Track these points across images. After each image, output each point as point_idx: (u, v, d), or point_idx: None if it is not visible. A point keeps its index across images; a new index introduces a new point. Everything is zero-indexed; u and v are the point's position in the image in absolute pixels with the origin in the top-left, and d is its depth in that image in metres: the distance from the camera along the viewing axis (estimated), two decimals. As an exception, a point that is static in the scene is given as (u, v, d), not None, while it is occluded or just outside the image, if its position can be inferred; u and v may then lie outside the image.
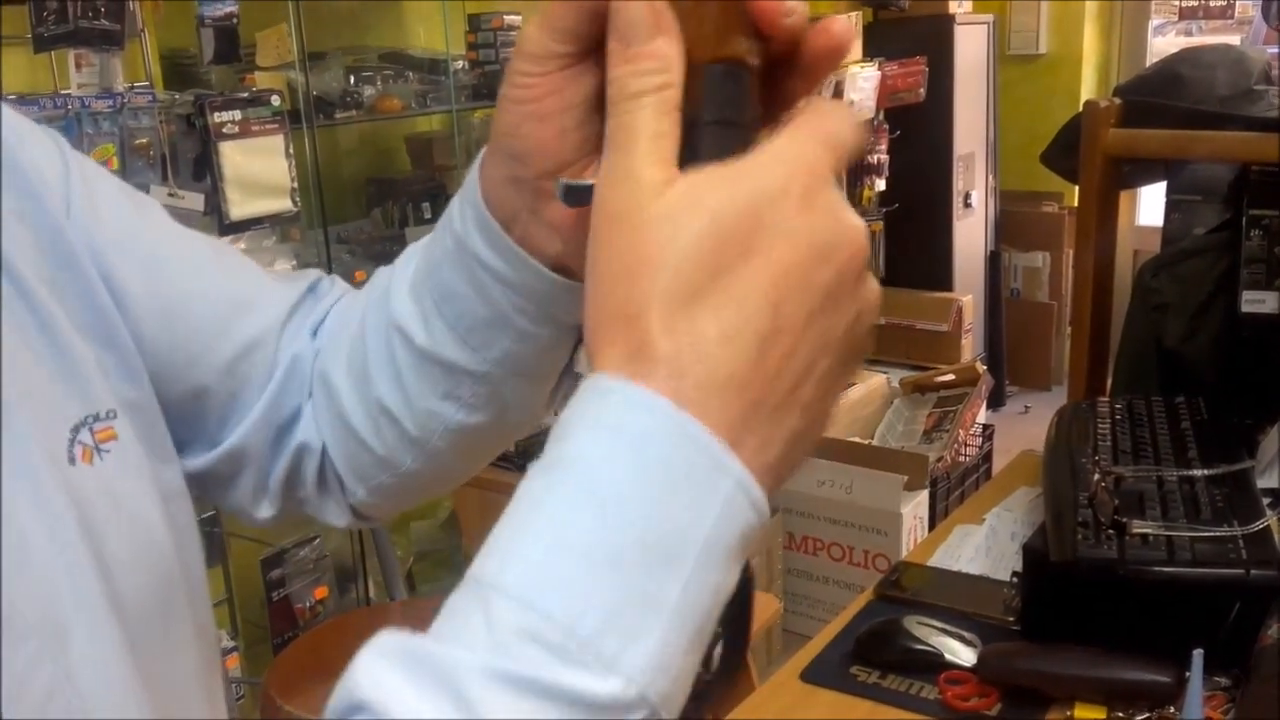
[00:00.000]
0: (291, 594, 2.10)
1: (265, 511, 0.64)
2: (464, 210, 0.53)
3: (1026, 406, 4.42)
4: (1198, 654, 0.94)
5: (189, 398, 0.59)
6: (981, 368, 3.46)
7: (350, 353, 0.61)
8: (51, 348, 0.52)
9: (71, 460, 0.51)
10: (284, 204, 1.98)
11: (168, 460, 0.58)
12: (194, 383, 0.59)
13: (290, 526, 1.96)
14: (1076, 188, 1.57)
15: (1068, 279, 4.57)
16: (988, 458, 3.30)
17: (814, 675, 1.08)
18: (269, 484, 0.63)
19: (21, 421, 0.49)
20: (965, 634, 1.09)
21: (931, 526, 2.85)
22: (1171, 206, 1.73)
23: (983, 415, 3.44)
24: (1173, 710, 0.96)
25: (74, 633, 0.48)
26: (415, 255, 0.59)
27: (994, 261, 4.43)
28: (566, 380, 0.61)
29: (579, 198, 0.41)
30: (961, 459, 3.18)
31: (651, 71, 0.39)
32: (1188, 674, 0.95)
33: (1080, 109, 1.54)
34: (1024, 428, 3.94)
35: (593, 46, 0.44)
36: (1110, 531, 1.05)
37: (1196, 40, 4.45)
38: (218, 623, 2.08)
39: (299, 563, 2.08)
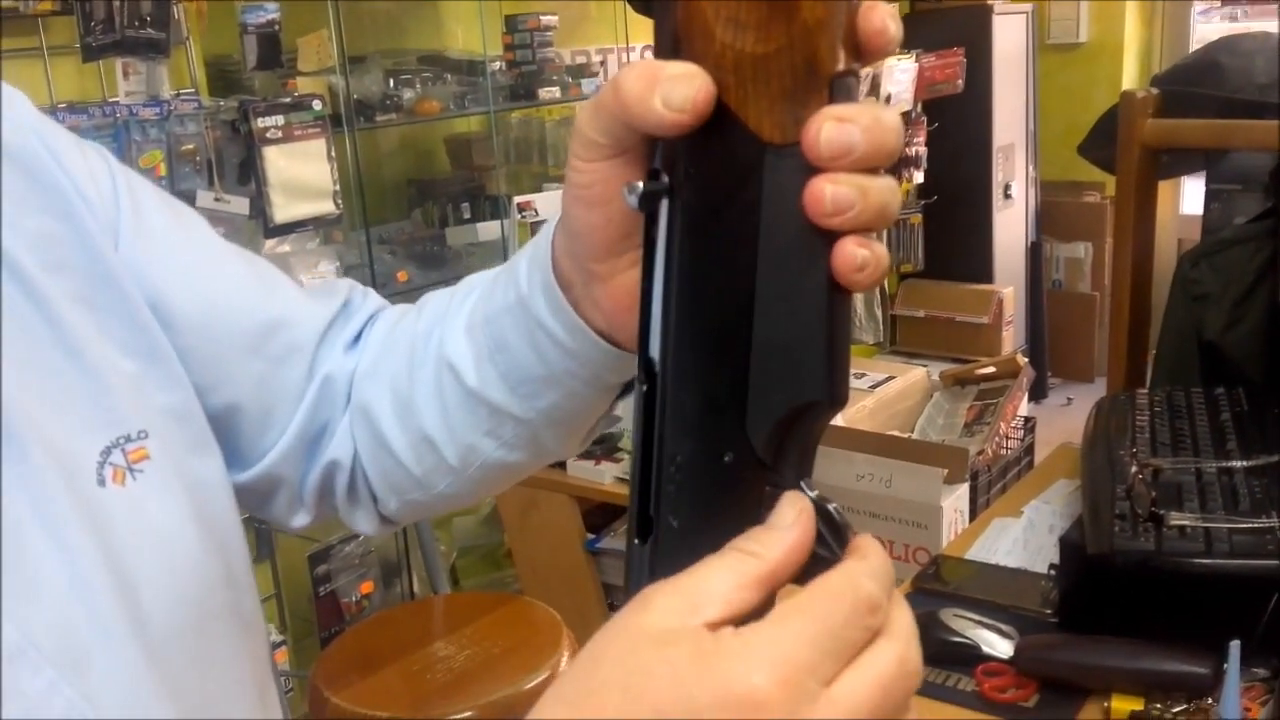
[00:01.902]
0: (338, 589, 2.14)
1: (300, 520, 0.67)
2: (531, 273, 0.54)
3: (1069, 399, 4.37)
4: (1235, 645, 0.94)
5: (222, 414, 0.60)
6: (1023, 360, 3.43)
7: (395, 378, 0.63)
8: (79, 369, 0.52)
9: (101, 482, 0.51)
10: (327, 206, 2.02)
11: (208, 453, 0.58)
12: (227, 399, 0.61)
13: (336, 524, 2.01)
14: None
15: (1110, 269, 4.50)
16: (1029, 450, 3.26)
17: (851, 667, 1.09)
18: (303, 496, 0.65)
19: (39, 450, 0.49)
20: (1003, 626, 1.10)
21: (972, 519, 2.83)
22: (1211, 196, 1.71)
23: (1024, 408, 3.40)
24: (1210, 702, 0.96)
25: (93, 659, 0.48)
26: (474, 293, 0.61)
27: (1035, 253, 4.39)
28: (603, 421, 0.63)
29: (649, 203, 0.40)
30: (1003, 452, 3.16)
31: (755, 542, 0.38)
32: (1225, 665, 0.95)
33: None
34: (1066, 420, 3.90)
35: (634, 144, 0.42)
36: (1148, 523, 1.05)
37: (1241, 26, 4.38)
38: (266, 618, 2.12)
39: (345, 558, 2.12)
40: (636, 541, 0.41)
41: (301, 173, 2.00)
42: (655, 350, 0.41)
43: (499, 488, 0.68)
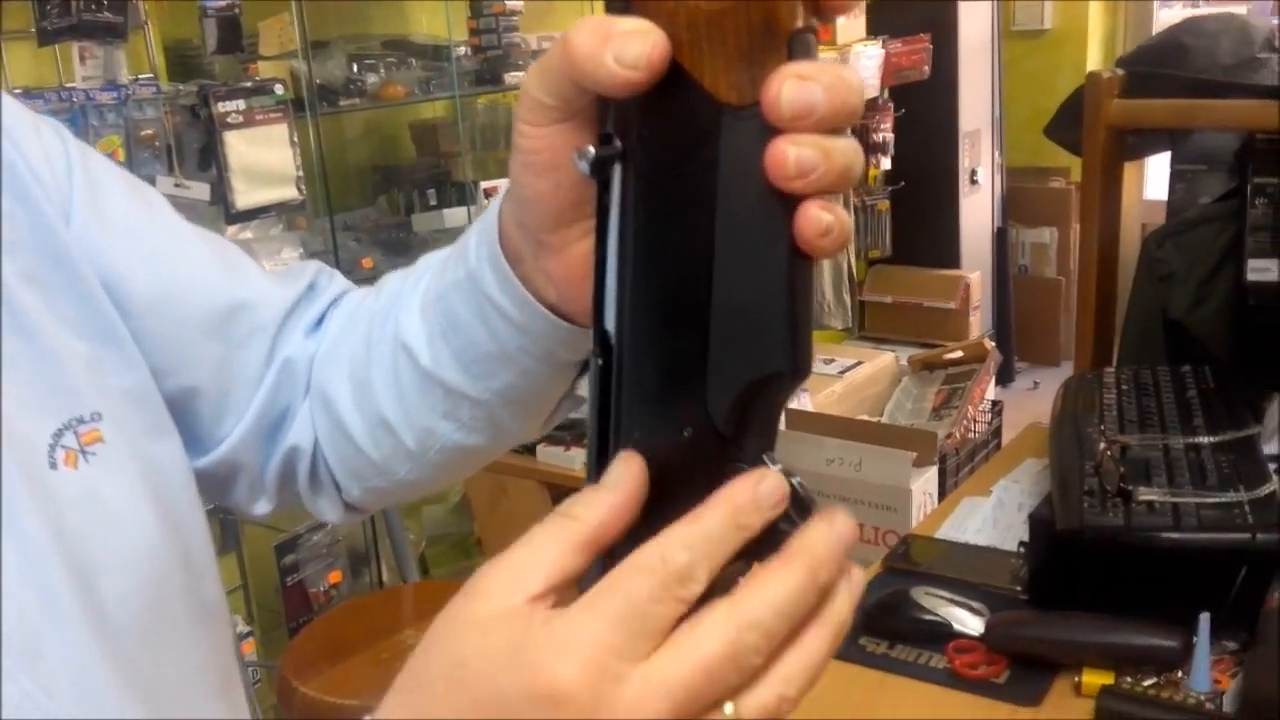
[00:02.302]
0: (305, 579, 2.12)
1: (262, 508, 0.65)
2: (479, 246, 0.53)
3: (1036, 382, 4.41)
4: (1204, 618, 0.94)
5: (180, 397, 0.59)
6: (989, 344, 3.46)
7: (353, 361, 0.61)
8: (31, 351, 0.51)
9: (53, 465, 0.50)
10: (290, 192, 1.99)
11: (165, 435, 0.57)
12: (185, 382, 0.59)
13: (302, 513, 1.99)
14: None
15: (1075, 254, 4.55)
16: (997, 434, 3.29)
17: (823, 647, 1.08)
18: (265, 483, 0.64)
19: None
20: (973, 604, 1.10)
21: (941, 503, 2.85)
22: (1176, 177, 1.72)
23: (992, 391, 3.43)
24: (1180, 675, 0.97)
25: (47, 645, 0.48)
26: (429, 271, 0.59)
27: (1001, 238, 4.41)
28: (566, 404, 0.61)
29: (601, 168, 0.39)
30: (971, 435, 3.18)
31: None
32: (1195, 638, 0.96)
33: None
34: (1033, 403, 3.92)
35: (584, 106, 0.41)
36: (1116, 499, 1.06)
37: (1203, 11, 4.42)
38: (232, 609, 2.10)
39: (312, 548, 2.10)
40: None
41: (263, 158, 1.97)
42: (610, 322, 0.40)
43: (462, 473, 0.66)
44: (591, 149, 0.39)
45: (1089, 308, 1.52)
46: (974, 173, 4.23)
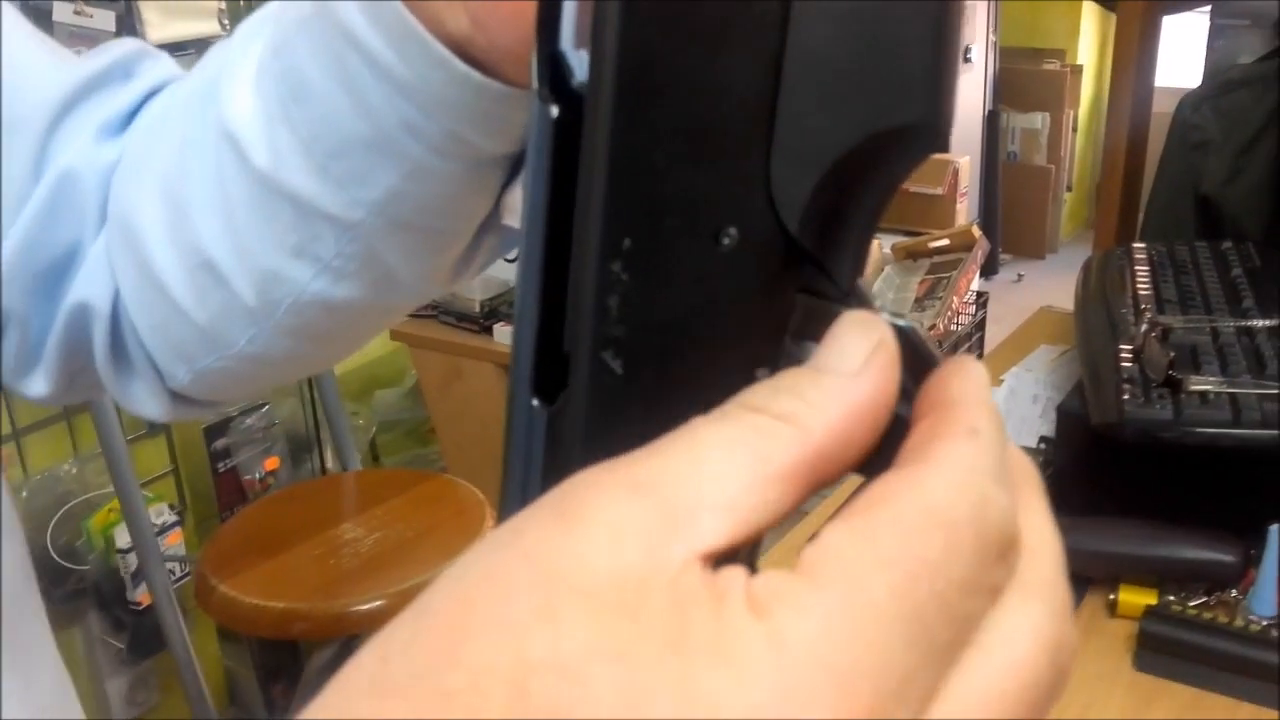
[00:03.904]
0: (240, 465, 1.95)
1: (39, 387, 0.46)
2: None
3: (1020, 275, 4.29)
4: (1274, 530, 0.79)
5: None
6: (977, 231, 3.31)
7: (167, 175, 0.42)
8: None
9: None
10: (210, 26, 1.75)
11: None
12: None
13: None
14: (1080, 44, 1.38)
15: (1067, 141, 4.38)
16: (980, 326, 3.20)
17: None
18: (41, 352, 0.45)
19: None
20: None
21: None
22: (1215, 32, 1.54)
23: (976, 283, 3.30)
24: (1235, 594, 0.83)
25: None
26: (269, 20, 0.40)
27: (992, 122, 4.21)
28: (488, 238, 0.42)
29: None
30: (954, 327, 3.06)
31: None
32: (1255, 553, 0.81)
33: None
34: (1017, 297, 3.81)
35: None
36: (1162, 389, 0.90)
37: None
38: (162, 496, 1.93)
39: (246, 432, 1.92)
40: (536, 403, 0.22)
41: (183, -11, 1.74)
42: (570, 36, 0.22)
43: (335, 347, 0.47)
44: None
45: (1116, 174, 1.34)
46: (967, 49, 4.01)
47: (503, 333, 2.04)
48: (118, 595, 1.75)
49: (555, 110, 0.21)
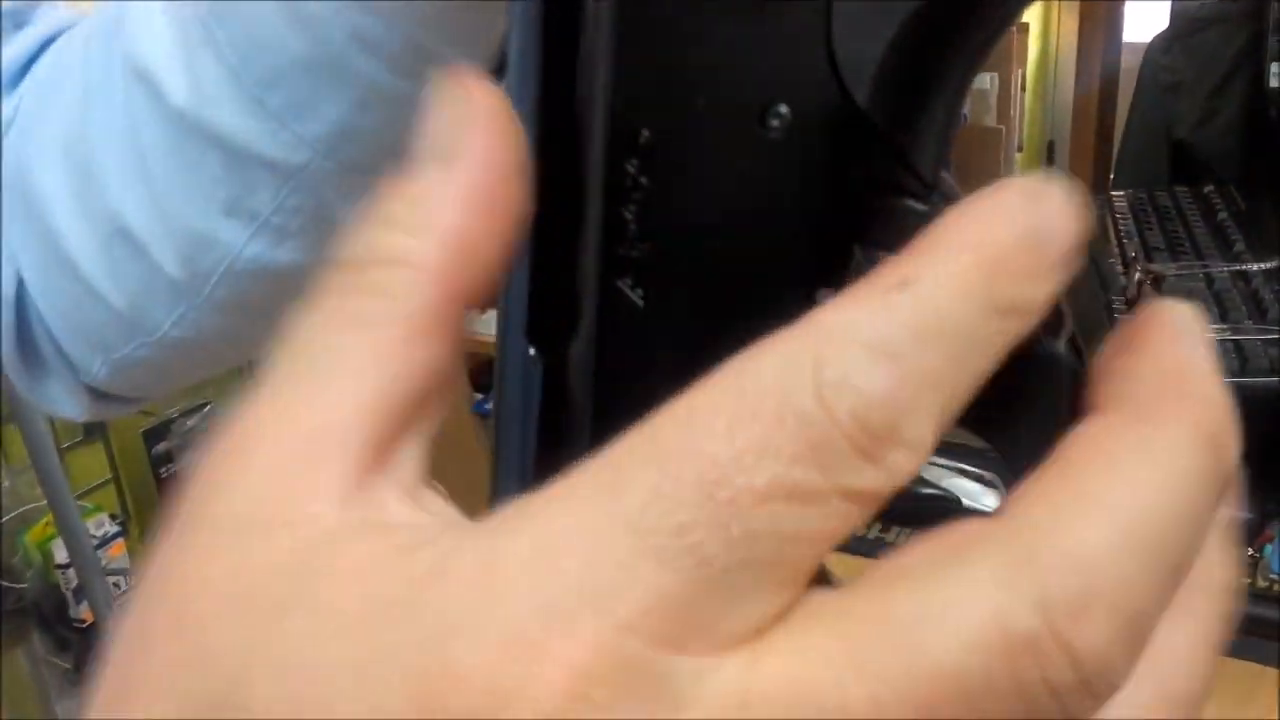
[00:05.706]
0: (183, 470, 1.86)
1: None
2: None
3: (974, 238, 4.29)
4: (1296, 483, 0.74)
5: None
6: (933, 195, 3.31)
7: (67, 132, 0.36)
8: None
9: None
10: None
11: None
12: None
13: (177, 393, 1.71)
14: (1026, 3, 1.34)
15: (1017, 102, 4.36)
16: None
17: (800, 534, 0.88)
18: None
19: None
20: (983, 473, 0.90)
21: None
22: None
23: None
24: (1250, 552, 0.78)
25: None
26: None
27: (940, 84, 4.21)
28: None
29: None
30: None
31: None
32: (1270, 507, 0.77)
33: None
34: (974, 259, 3.82)
35: None
36: (1162, 339, 0.85)
37: None
38: (103, 506, 1.84)
39: (188, 434, 1.84)
40: (532, 351, 0.17)
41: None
42: None
43: (278, 329, 0.39)
44: None
45: (1089, 118, 1.30)
46: (913, 13, 4.00)
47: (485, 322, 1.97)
48: (59, 613, 1.66)
49: None
